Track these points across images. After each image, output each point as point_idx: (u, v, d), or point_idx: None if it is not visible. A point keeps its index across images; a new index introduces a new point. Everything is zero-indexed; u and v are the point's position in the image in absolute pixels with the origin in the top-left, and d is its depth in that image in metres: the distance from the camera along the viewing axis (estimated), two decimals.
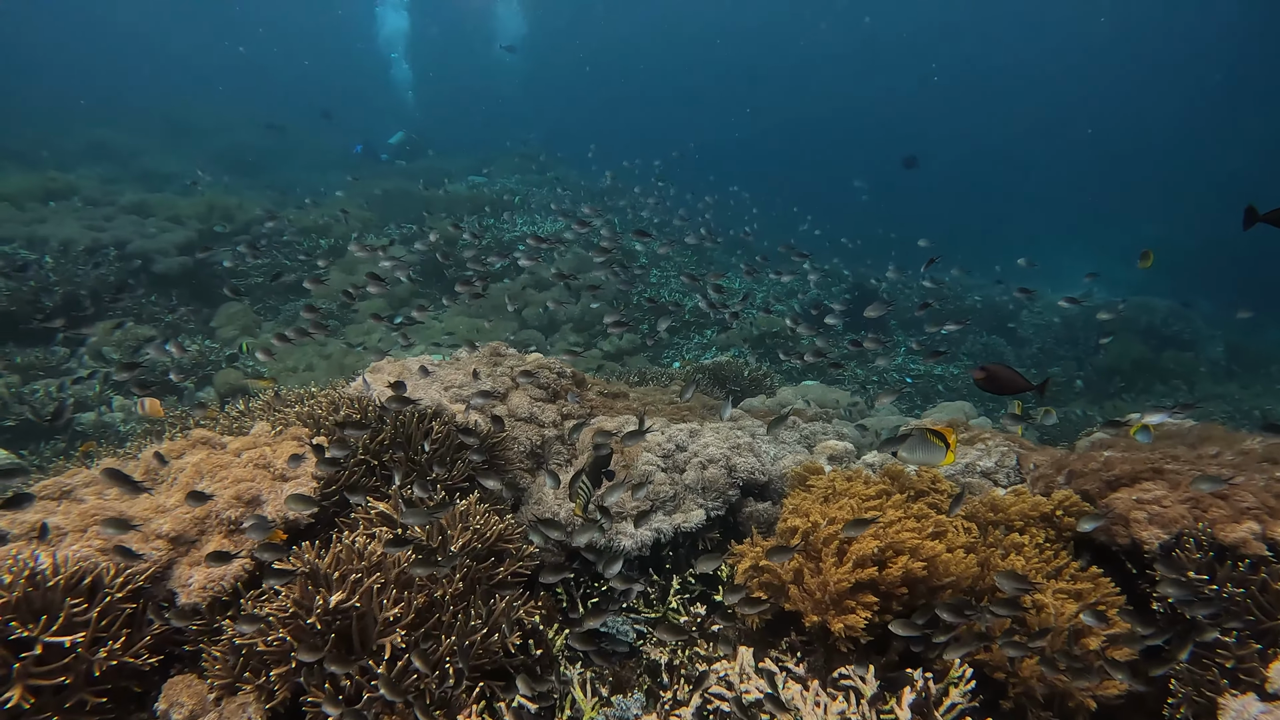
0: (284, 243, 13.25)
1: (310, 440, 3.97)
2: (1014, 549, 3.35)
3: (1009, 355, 14.92)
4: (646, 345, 13.12)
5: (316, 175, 21.71)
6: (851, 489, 3.71)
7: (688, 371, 8.37)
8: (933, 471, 3.99)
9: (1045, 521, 3.54)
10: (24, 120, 21.90)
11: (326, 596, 2.83)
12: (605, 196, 18.88)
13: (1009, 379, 3.65)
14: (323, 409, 4.28)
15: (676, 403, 6.61)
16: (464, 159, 23.62)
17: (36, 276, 9.70)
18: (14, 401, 7.74)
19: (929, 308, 10.71)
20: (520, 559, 3.60)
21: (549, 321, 12.91)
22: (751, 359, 12.31)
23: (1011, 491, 3.94)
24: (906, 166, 14.02)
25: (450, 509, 3.54)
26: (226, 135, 25.75)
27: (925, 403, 11.34)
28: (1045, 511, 3.59)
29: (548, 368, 5.55)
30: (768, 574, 3.50)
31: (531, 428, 4.96)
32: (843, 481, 3.90)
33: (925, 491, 3.96)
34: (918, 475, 3.99)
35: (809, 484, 4.05)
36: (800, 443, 5.56)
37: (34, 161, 17.68)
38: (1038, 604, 3.14)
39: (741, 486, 4.65)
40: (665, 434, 4.91)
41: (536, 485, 4.75)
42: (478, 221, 15.55)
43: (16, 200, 13.04)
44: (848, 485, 3.78)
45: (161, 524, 3.25)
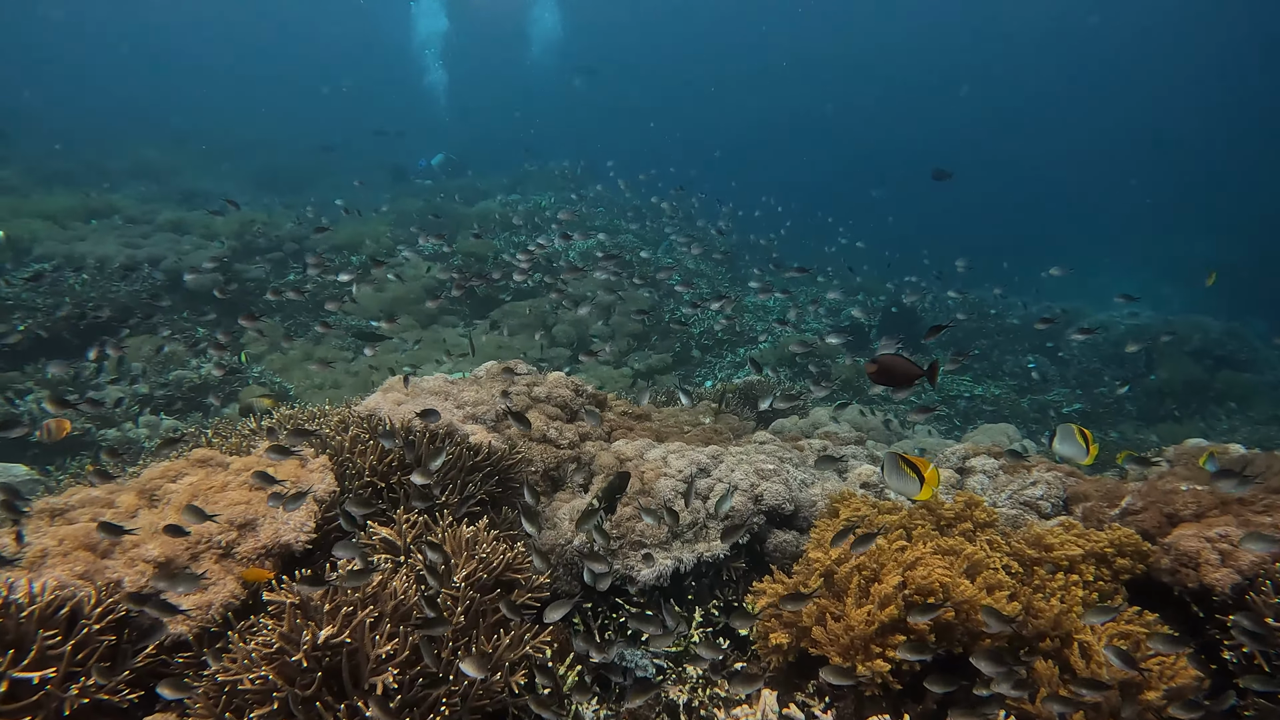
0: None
1: (313, 459, 3.81)
2: (1062, 591, 3.05)
3: (1051, 375, 14.42)
4: (678, 364, 12.91)
5: (357, 193, 21.90)
6: (875, 520, 3.44)
7: (717, 390, 8.13)
8: (975, 497, 3.70)
9: (1098, 560, 3.23)
10: (73, 143, 22.46)
11: (315, 631, 2.65)
12: (631, 211, 18.76)
13: (903, 369, 3.37)
14: (331, 426, 4.13)
15: (704, 424, 6.38)
16: (499, 177, 23.72)
17: (70, 293, 9.80)
18: (43, 418, 7.76)
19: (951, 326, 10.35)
20: (530, 589, 3.39)
21: (578, 339, 12.75)
22: (783, 377, 12.03)
23: (1059, 525, 3.64)
24: (936, 179, 13.66)
25: (454, 536, 3.35)
26: (265, 154, 26.19)
27: (965, 424, 10.95)
28: (1097, 549, 3.28)
29: (567, 385, 5.37)
30: (789, 614, 3.24)
31: (547, 449, 4.76)
32: (869, 510, 3.64)
33: (960, 521, 3.68)
34: (954, 504, 3.71)
35: (838, 514, 3.78)
36: (832, 468, 5.29)
37: (82, 182, 18.09)
38: (1087, 651, 2.84)
39: (767, 514, 4.40)
40: (687, 458, 4.68)
41: (551, 509, 4.55)
42: (510, 239, 15.53)
43: (60, 219, 13.29)
44: (874, 515, 3.51)
45: (149, 548, 3.10)
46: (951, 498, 4.34)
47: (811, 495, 4.54)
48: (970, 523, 3.60)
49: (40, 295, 9.95)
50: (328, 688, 2.67)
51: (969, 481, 4.43)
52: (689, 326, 13.35)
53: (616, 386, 10.84)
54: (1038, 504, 4.07)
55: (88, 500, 3.53)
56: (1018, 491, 4.29)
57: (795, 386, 9.27)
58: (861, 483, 4.69)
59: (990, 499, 4.29)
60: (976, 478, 4.46)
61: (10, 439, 7.56)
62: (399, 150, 25.30)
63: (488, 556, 3.28)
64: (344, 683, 2.66)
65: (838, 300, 16.63)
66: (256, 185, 23.17)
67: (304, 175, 25.06)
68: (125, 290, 10.16)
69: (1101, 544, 3.24)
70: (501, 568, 3.29)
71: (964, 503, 3.66)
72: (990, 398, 12.32)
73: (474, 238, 13.04)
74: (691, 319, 13.72)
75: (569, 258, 14.91)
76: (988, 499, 4.24)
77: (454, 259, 13.97)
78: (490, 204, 18.30)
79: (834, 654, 2.94)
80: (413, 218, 17.13)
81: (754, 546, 4.44)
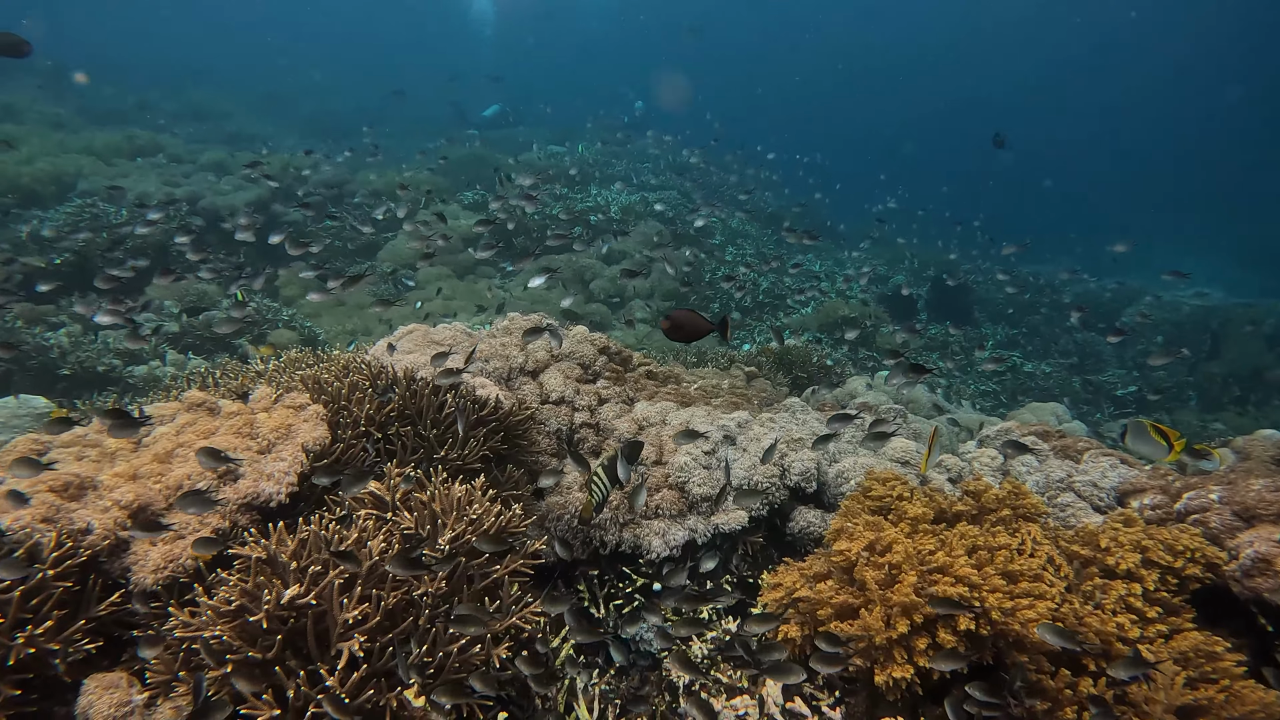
0: (355, 205, 13.16)
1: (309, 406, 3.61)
2: (1119, 603, 2.70)
3: (1107, 354, 13.72)
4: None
5: (407, 141, 21.70)
6: (907, 509, 3.12)
7: (750, 354, 7.79)
8: (1019, 486, 3.34)
9: (1156, 564, 2.86)
10: (129, 84, 22.61)
11: (280, 590, 2.44)
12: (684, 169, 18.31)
13: (693, 324, 3.16)
14: (331, 372, 3.92)
15: (734, 389, 6.08)
16: (545, 130, 23.37)
17: (108, 228, 9.79)
18: (74, 349, 7.76)
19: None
20: (524, 555, 3.15)
21: (617, 295, 12.46)
22: (824, 343, 11.61)
23: (1115, 520, 3.27)
24: (995, 146, 12.93)
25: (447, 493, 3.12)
26: (316, 101, 26.14)
27: (1012, 401, 10.44)
28: (1158, 553, 2.91)
29: (590, 342, 5.09)
30: (805, 604, 2.95)
31: (564, 410, 4.51)
32: (903, 492, 3.31)
33: (1001, 509, 3.33)
34: (999, 492, 3.35)
35: (870, 495, 3.46)
36: (866, 442, 4.94)
37: (133, 121, 18.20)
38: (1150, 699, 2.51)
39: (792, 489, 4.09)
40: (712, 422, 4.39)
41: (564, 473, 4.31)
42: (552, 192, 15.21)
43: (105, 156, 13.33)
44: (907, 503, 3.18)
45: (123, 492, 2.92)
46: (998, 483, 4.00)
47: (842, 469, 4.22)
48: (1011, 510, 3.25)
49: (80, 229, 9.97)
50: (293, 651, 2.48)
51: (1013, 465, 4.06)
52: (740, 283, 12.96)
53: (652, 345, 10.56)
54: (1089, 494, 3.69)
55: (74, 440, 3.37)
56: (1067, 479, 3.92)
57: (833, 354, 8.88)
58: (899, 458, 4.36)
59: (1034, 483, 3.92)
60: (1023, 460, 4.09)
61: (39, 371, 7.63)
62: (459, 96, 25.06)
63: (479, 518, 3.05)
64: (310, 648, 2.46)
65: (883, 269, 16.05)
66: (308, 130, 23.13)
67: (357, 121, 24.97)
68: (160, 228, 10.11)
69: (1166, 548, 2.87)
70: (494, 531, 3.06)
71: (1009, 491, 3.31)
72: (1041, 374, 11.75)
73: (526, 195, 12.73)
74: (745, 279, 13.29)
75: (612, 213, 14.57)
76: (1032, 482, 3.87)
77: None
78: (530, 155, 17.95)
79: (854, 657, 2.65)
80: (458, 167, 16.91)
81: (774, 522, 4.16)
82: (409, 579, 2.73)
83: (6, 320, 7.82)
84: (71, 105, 19.39)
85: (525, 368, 4.68)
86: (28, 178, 11.44)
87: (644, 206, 15.02)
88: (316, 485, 3.28)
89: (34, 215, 10.87)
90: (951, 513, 3.31)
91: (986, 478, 4.08)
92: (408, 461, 3.59)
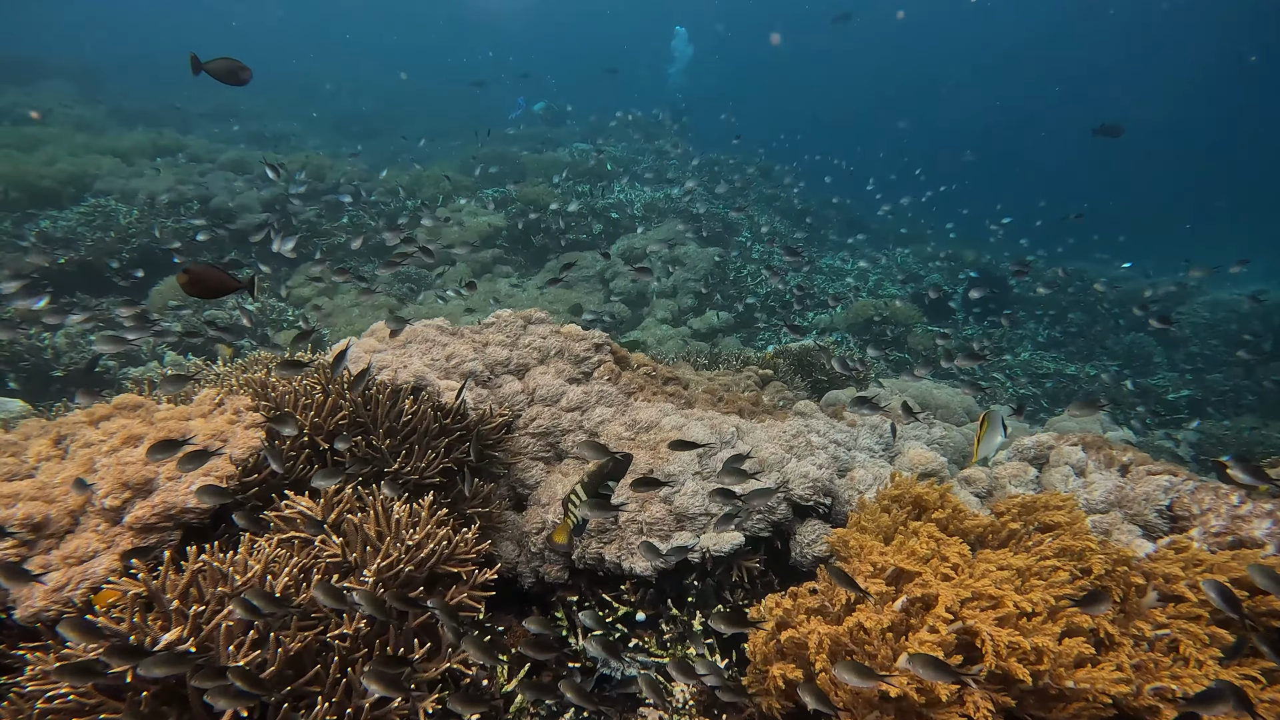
0: (370, 202, 12.92)
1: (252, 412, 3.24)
2: (1193, 647, 2.19)
3: (1158, 356, 12.92)
4: (741, 325, 12.06)
5: (436, 142, 21.50)
6: (919, 528, 2.64)
7: (766, 357, 7.31)
8: (1068, 499, 2.83)
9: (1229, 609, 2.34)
10: (160, 84, 22.77)
11: (156, 635, 2.06)
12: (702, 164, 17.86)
13: (216, 280, 2.64)
14: (281, 375, 3.55)
15: (747, 392, 5.63)
16: (575, 126, 23.03)
17: (116, 227, 9.63)
18: (69, 350, 7.56)
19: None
20: (472, 586, 2.74)
21: (637, 295, 12.03)
22: (853, 345, 11.05)
23: (1170, 546, 2.75)
24: (1108, 135, 12.11)
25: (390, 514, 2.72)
26: (349, 100, 26.14)
27: (1054, 406, 9.79)
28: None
29: (582, 340, 4.67)
30: (794, 645, 2.49)
31: (547, 412, 4.10)
32: (934, 498, 2.83)
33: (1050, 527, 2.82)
34: (1037, 503, 2.85)
35: (871, 510, 2.98)
36: (886, 451, 4.45)
37: (164, 122, 18.24)
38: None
39: (796, 504, 3.63)
40: (710, 428, 3.94)
41: (548, 483, 3.89)
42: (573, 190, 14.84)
43: (127, 156, 13.28)
44: (916, 523, 2.70)
45: (19, 507, 2.57)
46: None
47: (855, 483, 3.75)
48: (1057, 531, 2.75)
49: (90, 229, 9.85)
50: (175, 709, 2.09)
51: (1049, 476, 3.54)
52: (754, 284, 12.43)
53: (673, 347, 10.12)
54: (1139, 513, 3.16)
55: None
56: (1113, 495, 3.39)
57: (859, 354, 8.35)
58: (919, 470, 3.86)
59: (1079, 500, 3.41)
60: (1058, 472, 3.57)
61: (32, 372, 7.43)
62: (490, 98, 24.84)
63: (420, 543, 2.64)
64: (195, 709, 2.07)
65: (914, 265, 15.43)
66: (336, 130, 23.09)
67: (385, 121, 24.90)
68: (171, 226, 9.93)
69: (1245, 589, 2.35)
70: (434, 559, 2.65)
71: (1047, 505, 2.80)
72: (1085, 377, 11.05)
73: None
74: (759, 279, 12.77)
75: (634, 211, 14.15)
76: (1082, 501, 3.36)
77: (512, 206, 13.38)
78: (560, 153, 17.61)
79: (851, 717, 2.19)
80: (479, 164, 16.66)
81: (774, 544, 3.69)
82: (327, 617, 2.33)
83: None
84: (105, 107, 19.54)
85: (510, 367, 4.28)
86: (49, 179, 11.38)
87: (667, 203, 14.59)
88: (246, 501, 2.91)
89: (50, 215, 10.79)
90: (974, 533, 2.83)
91: (1016, 491, 3.58)
92: (359, 475, 3.20)
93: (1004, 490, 3.58)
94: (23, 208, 10.91)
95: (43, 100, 17.68)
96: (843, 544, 2.78)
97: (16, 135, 13.58)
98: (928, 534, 2.65)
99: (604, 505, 2.82)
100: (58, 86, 19.88)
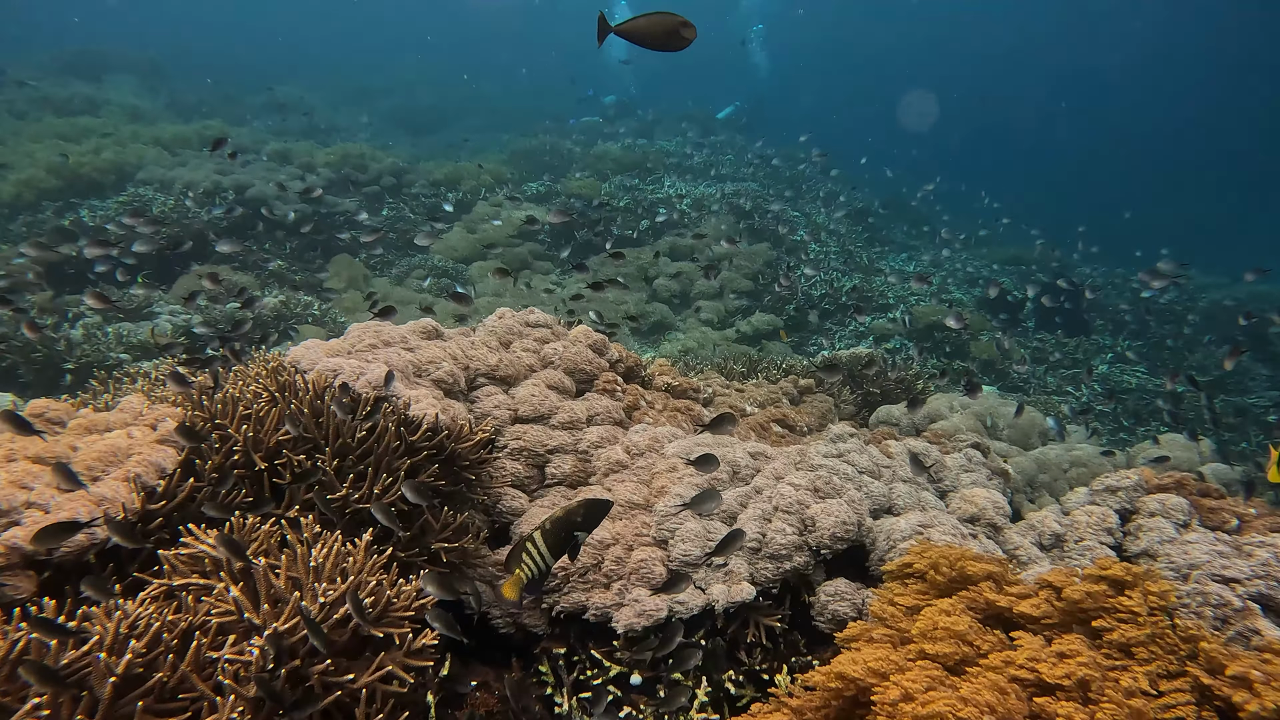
0: (411, 195, 12.63)
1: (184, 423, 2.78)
2: None
3: (1255, 373, 11.76)
4: (793, 329, 11.37)
5: (490, 135, 21.24)
6: (952, 626, 2.02)
7: (810, 365, 6.65)
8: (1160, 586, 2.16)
9: None
10: (222, 78, 23.04)
11: None
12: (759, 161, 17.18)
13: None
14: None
15: (778, 409, 5.02)
16: (634, 121, 22.47)
17: (150, 217, 9.47)
18: (85, 342, 7.35)
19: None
20: (406, 652, 2.22)
21: (680, 294, 11.44)
22: (913, 352, 10.26)
23: None
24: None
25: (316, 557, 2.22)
26: (402, 95, 26.14)
27: (1138, 426, 8.86)
28: None
29: (587, 345, 4.13)
30: None
31: (534, 431, 3.56)
32: (952, 576, 2.21)
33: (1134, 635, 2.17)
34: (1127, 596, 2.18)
35: (917, 577, 2.36)
36: (935, 484, 3.78)
37: (220, 115, 18.36)
38: None
39: (818, 552, 3.02)
40: (722, 455, 3.36)
41: (532, 514, 3.36)
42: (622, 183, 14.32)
43: (171, 147, 13.26)
44: (947, 619, 2.07)
45: None
46: (1095, 558, 2.80)
47: (895, 529, 3.12)
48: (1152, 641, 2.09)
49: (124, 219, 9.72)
50: None
51: (1142, 538, 2.85)
52: (808, 288, 11.72)
53: (715, 351, 9.53)
54: (1269, 594, 2.47)
55: None
56: (1221, 562, 2.68)
57: (917, 364, 7.62)
58: (966, 515, 3.21)
59: (1172, 566, 2.71)
60: (1153, 529, 2.88)
61: (44, 365, 7.23)
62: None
63: (336, 599, 2.13)
64: None
65: (986, 270, 14.49)
66: (389, 124, 23.04)
67: (443, 115, 24.81)
68: (205, 217, 9.74)
69: None
70: (352, 615, 2.13)
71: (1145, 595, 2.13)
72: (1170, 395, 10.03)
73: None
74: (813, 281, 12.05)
75: (681, 207, 13.56)
76: (1169, 571, 2.65)
77: (558, 199, 12.95)
78: (609, 146, 17.12)
79: None
80: (527, 158, 16.30)
81: (805, 598, 3.09)
82: (197, 698, 1.84)
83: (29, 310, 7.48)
84: (164, 100, 19.79)
85: (496, 375, 3.76)
86: (88, 168, 11.34)
87: (720, 198, 13.96)
88: (152, 529, 2.45)
89: (91, 205, 10.74)
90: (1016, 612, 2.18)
91: (1098, 550, 2.90)
92: (296, 503, 2.72)
93: (1077, 546, 2.91)
94: (65, 197, 10.88)
95: (104, 93, 17.93)
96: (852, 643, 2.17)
97: (68, 125, 13.68)
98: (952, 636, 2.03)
99: (569, 553, 2.28)
100: (122, 80, 20.19)
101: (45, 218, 10.20)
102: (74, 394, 6.97)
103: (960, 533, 2.99)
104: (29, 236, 9.50)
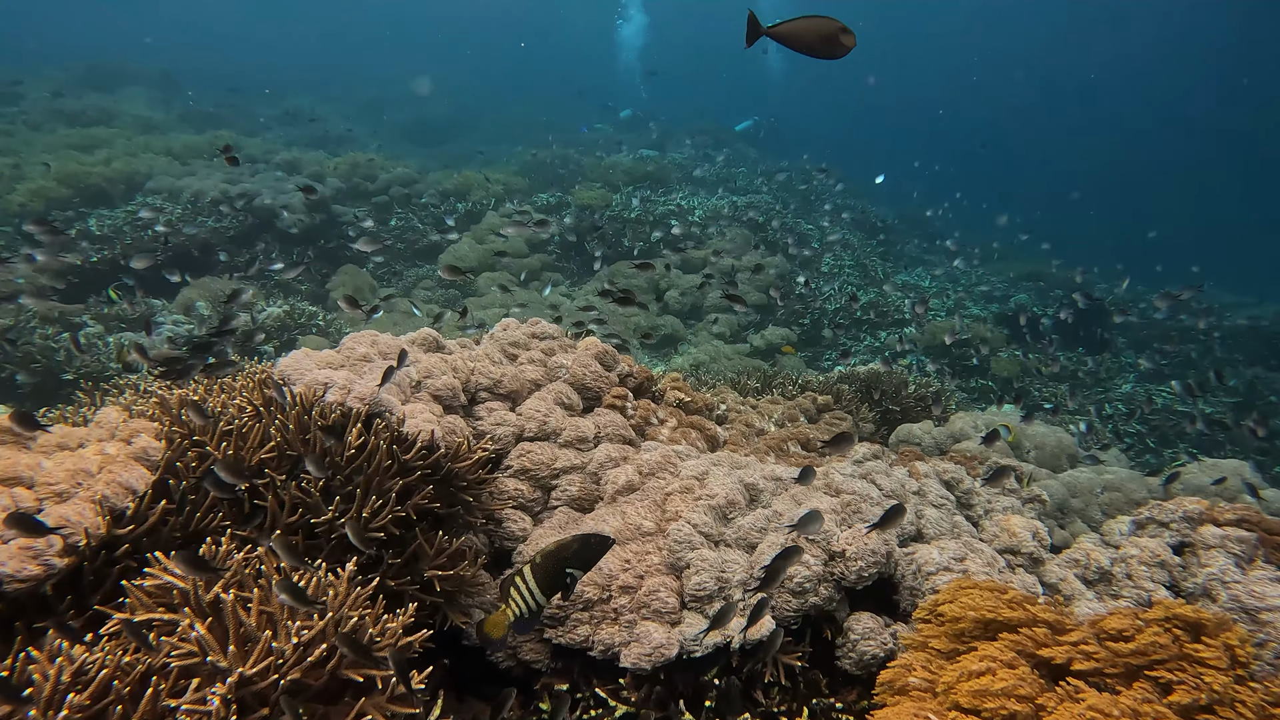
0: (420, 205, 12.50)
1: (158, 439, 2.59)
2: None
3: None
4: (806, 343, 11.14)
5: (501, 146, 21.16)
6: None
7: (825, 381, 6.42)
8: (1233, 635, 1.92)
9: None
10: (236, 89, 23.08)
11: None
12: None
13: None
14: (200, 393, 2.90)
15: (795, 427, 4.80)
16: (648, 135, 22.34)
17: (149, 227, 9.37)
18: (85, 352, 7.20)
19: None
20: (389, 697, 2.00)
21: (691, 307, 11.23)
22: (930, 369, 10.00)
23: None
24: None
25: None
26: (414, 108, 26.20)
27: (1164, 446, 8.56)
28: None
29: (596, 358, 3.92)
30: None
31: (543, 448, 3.35)
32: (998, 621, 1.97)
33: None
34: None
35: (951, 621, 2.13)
36: (968, 510, 3.54)
37: (231, 125, 18.36)
38: None
39: (842, 584, 2.79)
40: (737, 479, 3.13)
41: (535, 537, 3.15)
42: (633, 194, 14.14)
43: (182, 156, 13.19)
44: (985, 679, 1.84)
45: None
46: (1151, 597, 2.56)
47: (927, 560, 2.88)
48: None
49: (133, 228, 9.62)
50: None
51: (1200, 574, 2.60)
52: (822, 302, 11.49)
53: (727, 365, 9.31)
54: None
55: None
56: None
57: (936, 382, 7.37)
58: (1004, 545, 2.97)
59: (1240, 608, 2.46)
60: (1212, 564, 2.63)
61: (44, 375, 7.08)
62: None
63: (313, 638, 1.91)
64: None
65: (1004, 285, 14.23)
66: (400, 136, 23.02)
67: (450, 127, 24.80)
68: (210, 225, 9.62)
69: None
70: (336, 659, 1.92)
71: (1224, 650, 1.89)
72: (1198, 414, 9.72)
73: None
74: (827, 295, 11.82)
75: (693, 218, 13.37)
76: (1238, 615, 2.41)
77: (568, 211, 12.78)
78: (620, 157, 16.97)
79: None
80: (538, 168, 16.20)
81: (827, 634, 2.85)
82: None
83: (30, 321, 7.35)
84: (177, 111, 19.81)
85: (500, 390, 3.55)
86: (98, 177, 11.27)
87: (731, 211, 13.76)
88: (118, 555, 2.25)
89: (99, 214, 10.65)
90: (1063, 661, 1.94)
91: (1150, 587, 2.66)
92: (279, 527, 2.51)
93: (1128, 581, 2.66)
94: (75, 206, 10.80)
95: (118, 104, 17.96)
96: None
97: (80, 136, 13.65)
98: None
99: (562, 593, 2.07)
100: (136, 92, 20.24)
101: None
102: (67, 404, 6.82)
103: (998, 565, 2.75)
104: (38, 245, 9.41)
